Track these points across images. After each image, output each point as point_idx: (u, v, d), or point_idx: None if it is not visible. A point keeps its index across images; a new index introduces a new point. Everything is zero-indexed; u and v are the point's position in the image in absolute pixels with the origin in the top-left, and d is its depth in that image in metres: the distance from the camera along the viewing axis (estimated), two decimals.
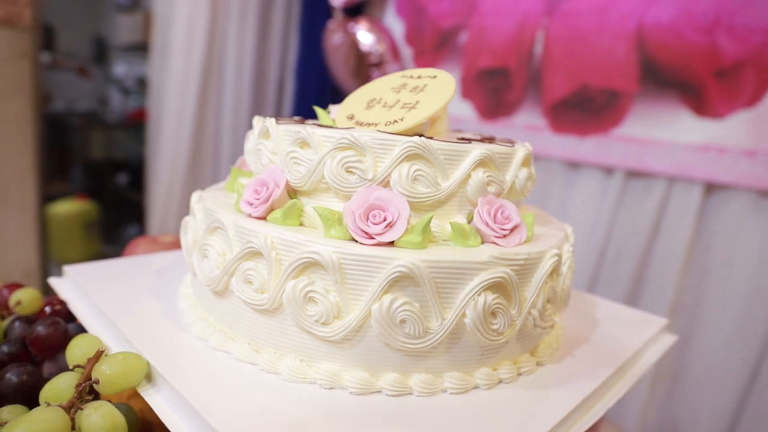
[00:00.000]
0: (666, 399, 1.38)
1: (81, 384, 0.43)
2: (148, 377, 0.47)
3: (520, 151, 0.55)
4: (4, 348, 0.55)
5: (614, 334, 0.63)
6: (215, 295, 0.51)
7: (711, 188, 1.33)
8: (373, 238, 0.46)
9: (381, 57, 1.81)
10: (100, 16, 3.39)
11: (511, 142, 0.58)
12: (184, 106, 1.94)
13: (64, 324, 0.56)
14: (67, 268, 0.66)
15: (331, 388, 0.46)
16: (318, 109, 0.63)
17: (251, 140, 0.59)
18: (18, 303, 0.61)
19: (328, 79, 2.10)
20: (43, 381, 0.51)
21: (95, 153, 3.10)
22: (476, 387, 0.48)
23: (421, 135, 0.51)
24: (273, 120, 0.54)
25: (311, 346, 0.46)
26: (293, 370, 0.46)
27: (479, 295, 0.45)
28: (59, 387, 0.46)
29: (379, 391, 0.46)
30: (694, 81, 1.35)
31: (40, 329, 0.55)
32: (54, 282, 0.67)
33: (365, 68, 1.85)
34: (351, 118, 0.54)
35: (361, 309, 0.44)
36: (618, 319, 0.69)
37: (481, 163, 0.50)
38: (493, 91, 1.72)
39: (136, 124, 2.85)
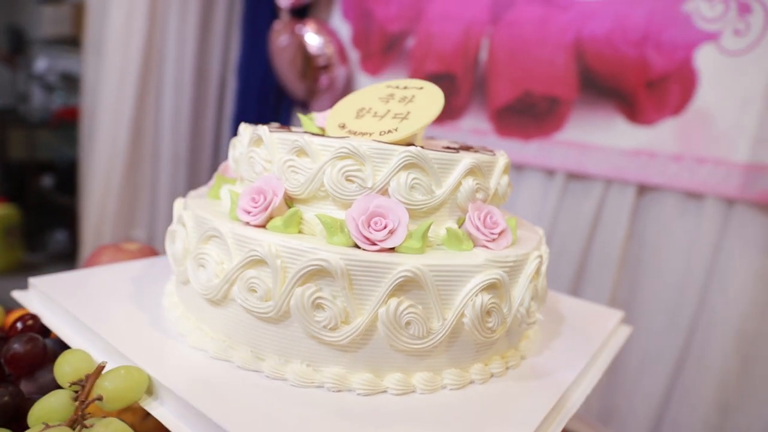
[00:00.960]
0: (605, 387, 1.48)
1: (84, 401, 0.42)
2: (149, 390, 0.46)
3: (501, 159, 0.59)
4: None
5: (581, 327, 0.68)
6: (212, 304, 0.51)
7: (643, 190, 1.44)
8: (375, 244, 0.47)
9: (329, 60, 1.82)
10: (18, 6, 3.16)
11: (491, 151, 0.61)
12: (122, 104, 1.86)
13: (43, 340, 0.54)
14: (34, 281, 0.63)
15: (339, 391, 0.47)
16: (302, 117, 0.64)
17: (238, 147, 0.59)
18: None
19: (272, 79, 2.08)
20: (25, 402, 0.49)
21: (15, 153, 2.89)
22: (472, 382, 0.51)
23: (412, 144, 0.53)
24: (266, 128, 0.54)
25: (318, 351, 0.48)
26: (300, 375, 0.47)
27: (476, 295, 0.48)
28: (51, 406, 0.45)
29: (385, 391, 0.48)
30: (627, 90, 1.46)
31: (17, 347, 0.52)
32: (19, 295, 0.63)
33: (313, 70, 1.85)
34: (343, 126, 0.56)
35: (368, 313, 0.46)
36: (581, 312, 0.74)
37: (471, 171, 0.53)
38: None
39: (63, 123, 2.68)
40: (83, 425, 0.41)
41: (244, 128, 0.59)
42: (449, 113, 1.77)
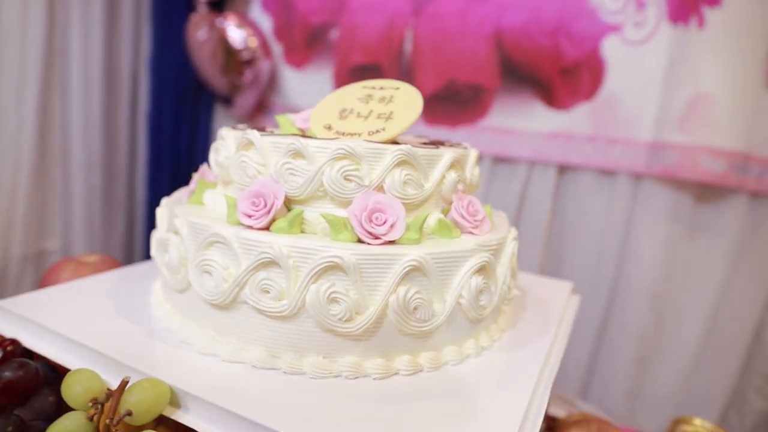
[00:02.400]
0: None
1: (113, 419, 0.43)
2: (171, 401, 0.47)
3: (473, 152, 0.64)
4: None
5: (541, 299, 0.76)
6: (219, 308, 0.52)
7: (563, 169, 1.57)
8: (379, 238, 0.51)
9: (253, 54, 1.80)
10: None
11: (459, 144, 0.67)
12: (24, 104, 1.72)
13: (34, 364, 0.52)
14: (2, 303, 0.60)
15: (355, 378, 0.51)
16: (280, 118, 0.66)
17: (223, 152, 0.60)
18: None
19: (190, 74, 2.01)
20: (29, 429, 0.48)
21: None
22: (468, 356, 0.57)
23: (395, 142, 0.57)
24: (256, 132, 0.56)
25: (333, 343, 0.51)
26: (317, 367, 0.50)
27: (471, 278, 0.54)
28: (68, 429, 0.44)
29: (397, 373, 0.52)
30: (544, 77, 1.58)
31: (9, 374, 0.50)
32: None
33: (236, 65, 1.82)
34: (329, 128, 0.58)
35: (380, 302, 0.50)
36: (536, 286, 0.83)
37: (452, 165, 0.58)
38: None
39: None
40: None
41: (227, 132, 0.60)
42: None
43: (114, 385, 0.49)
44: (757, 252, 1.36)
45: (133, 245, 2.30)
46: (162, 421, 0.48)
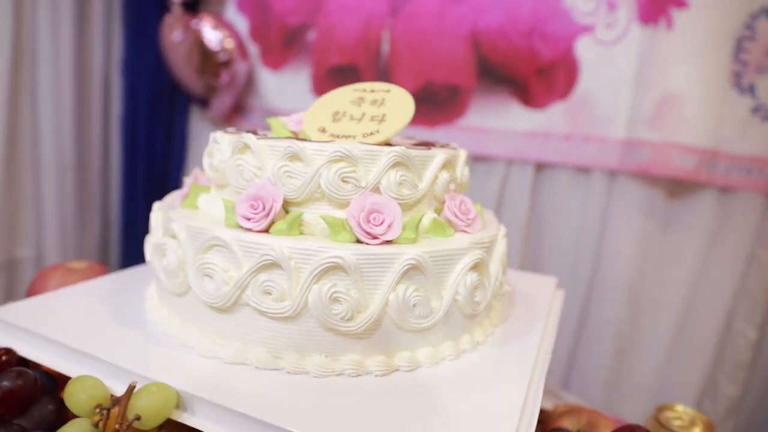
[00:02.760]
0: None
1: (123, 424, 0.43)
2: (177, 404, 0.47)
3: (462, 153, 0.66)
4: None
5: (528, 294, 0.79)
6: (220, 311, 0.53)
7: (540, 167, 1.61)
8: (377, 238, 0.53)
9: (230, 55, 1.79)
10: None
11: (448, 145, 0.68)
12: None
13: (33, 373, 0.52)
14: None
15: (358, 375, 0.52)
16: (272, 121, 0.66)
17: (217, 155, 0.60)
18: None
19: (164, 76, 1.99)
20: None
21: None
22: (464, 351, 0.59)
23: (389, 143, 0.58)
24: (252, 136, 0.57)
25: (335, 342, 0.52)
26: (321, 366, 0.51)
27: (466, 275, 0.56)
28: None
29: (397, 369, 0.54)
30: (520, 77, 1.61)
31: (7, 384, 0.50)
32: None
33: (212, 66, 1.80)
34: (323, 130, 0.60)
35: (380, 300, 0.51)
36: (522, 281, 0.85)
37: (444, 165, 0.60)
38: None
39: None
40: None
41: (221, 136, 0.60)
42: None
43: (116, 391, 0.49)
44: (725, 245, 1.42)
45: (108, 251, 2.26)
46: (164, 424, 0.49)
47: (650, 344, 1.50)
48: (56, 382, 0.55)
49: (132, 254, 2.13)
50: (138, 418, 0.44)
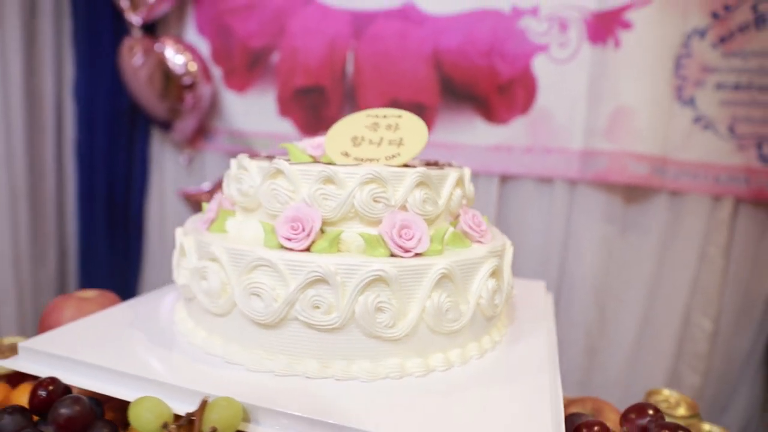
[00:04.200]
0: None
1: None
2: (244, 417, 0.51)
3: (467, 170, 0.74)
4: None
5: (524, 297, 0.87)
6: (267, 327, 0.57)
7: (505, 179, 1.72)
8: (409, 251, 0.59)
9: (194, 78, 1.81)
10: None
11: (450, 164, 0.76)
12: None
13: (86, 399, 0.54)
14: (26, 344, 0.61)
15: (401, 378, 0.57)
16: (289, 146, 0.72)
17: (247, 181, 0.64)
18: None
19: (123, 100, 1.98)
20: None
21: None
22: (486, 351, 0.65)
23: (406, 164, 0.65)
24: (285, 162, 0.62)
25: (378, 348, 0.57)
26: (367, 371, 0.56)
27: (487, 281, 0.63)
28: None
29: (434, 370, 0.59)
30: (482, 95, 1.72)
31: (66, 411, 0.52)
32: (8, 363, 0.61)
33: (176, 90, 1.81)
34: (347, 155, 0.65)
35: (418, 307, 0.57)
36: (516, 286, 0.93)
37: (457, 182, 0.67)
38: (312, 108, 1.87)
39: None
40: None
41: (249, 163, 0.65)
42: (323, 124, 1.88)
43: (176, 409, 0.52)
44: (678, 244, 1.56)
45: (65, 282, 2.20)
46: None
47: (617, 341, 1.62)
48: (102, 406, 0.58)
49: (92, 282, 2.08)
50: (214, 430, 0.48)
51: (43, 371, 0.59)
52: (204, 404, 0.49)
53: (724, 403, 1.58)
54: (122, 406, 0.57)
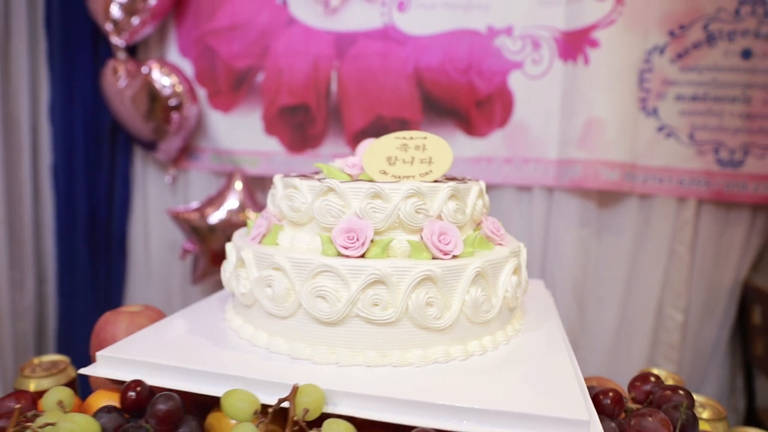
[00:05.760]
0: None
1: (298, 420, 0.57)
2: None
3: (482, 184, 0.86)
4: None
5: (529, 293, 1.00)
6: (330, 325, 0.68)
7: (487, 188, 1.85)
8: (448, 254, 0.70)
9: (180, 99, 1.88)
10: None
11: (470, 179, 0.88)
12: None
13: (177, 396, 0.63)
14: (101, 353, 0.70)
15: (447, 362, 0.69)
16: (324, 166, 0.83)
17: (299, 198, 0.75)
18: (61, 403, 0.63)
19: (103, 121, 2.03)
20: None
21: None
22: (510, 337, 0.77)
23: (436, 181, 0.77)
24: (336, 181, 0.72)
25: (427, 338, 0.68)
26: (420, 358, 0.67)
27: (511, 277, 0.75)
28: None
29: (472, 355, 0.71)
30: (462, 110, 1.87)
31: (162, 407, 0.61)
32: (88, 371, 0.69)
33: (162, 111, 1.88)
34: (385, 173, 0.77)
35: (459, 301, 0.69)
36: None
37: (479, 194, 0.80)
38: (297, 126, 1.97)
39: None
40: None
41: (300, 182, 0.75)
42: (308, 142, 1.98)
43: (262, 399, 0.62)
44: (649, 243, 1.74)
45: (43, 308, 2.21)
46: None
47: (597, 336, 1.78)
48: (184, 403, 0.66)
49: (72, 306, 2.11)
50: (307, 411, 0.57)
51: (121, 375, 0.68)
52: (295, 390, 0.59)
53: (696, 389, 1.75)
54: (195, 401, 0.66)
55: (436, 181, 0.77)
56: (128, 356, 0.68)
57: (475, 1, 1.81)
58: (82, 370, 0.69)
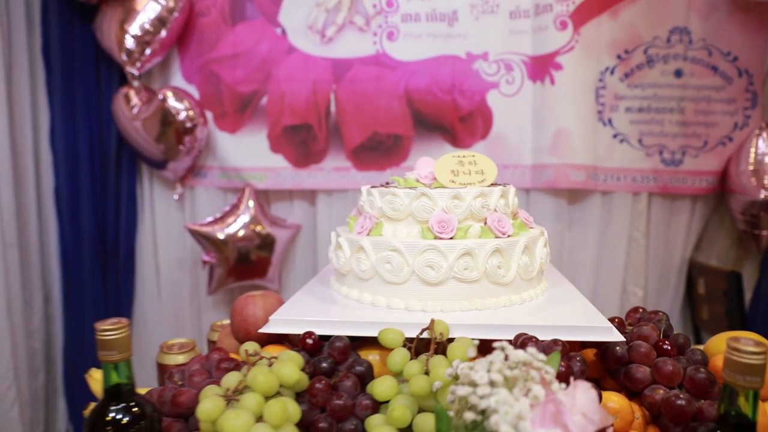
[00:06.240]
0: None
1: (436, 343, 0.97)
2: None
3: (513, 187, 1.29)
4: (324, 365, 0.97)
5: None
6: (433, 286, 1.08)
7: None
8: (505, 234, 1.13)
9: (194, 122, 2.22)
10: None
11: (509, 184, 1.31)
12: None
13: (344, 337, 1.01)
14: (273, 317, 1.07)
15: (511, 305, 1.11)
16: (398, 179, 1.23)
17: (397, 202, 1.15)
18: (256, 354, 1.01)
19: (107, 144, 2.32)
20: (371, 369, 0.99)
21: None
22: (545, 290, 1.20)
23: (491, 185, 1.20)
24: (426, 188, 1.13)
25: (498, 291, 1.10)
26: (495, 303, 1.09)
27: (544, 248, 1.19)
28: (402, 355, 0.96)
29: (526, 301, 1.13)
30: (448, 125, 2.32)
31: (339, 344, 0.98)
32: (265, 329, 1.06)
33: (174, 133, 2.21)
34: (453, 181, 1.18)
35: (515, 265, 1.11)
36: None
37: (515, 194, 1.23)
38: (301, 144, 2.36)
39: None
40: (444, 353, 0.96)
41: (396, 191, 1.15)
42: (312, 157, 2.37)
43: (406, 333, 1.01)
44: (611, 232, 2.25)
45: (50, 327, 2.45)
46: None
47: None
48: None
49: (80, 326, 2.37)
50: (441, 334, 0.97)
51: (290, 329, 1.05)
52: (433, 322, 0.99)
53: None
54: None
55: (490, 185, 1.19)
56: (296, 317, 1.06)
57: (455, 31, 2.27)
58: (264, 329, 1.06)
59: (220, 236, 2.25)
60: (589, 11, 2.16)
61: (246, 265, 2.30)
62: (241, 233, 2.26)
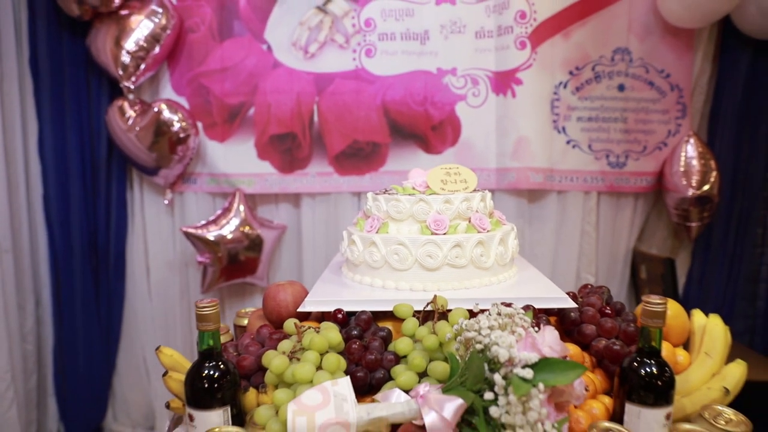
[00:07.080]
0: None
1: (439, 312, 1.36)
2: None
3: (488, 192, 1.71)
4: (355, 332, 1.35)
5: None
6: (432, 271, 1.48)
7: None
8: (485, 230, 1.54)
9: (186, 132, 2.55)
10: None
11: (485, 189, 1.72)
12: None
13: (368, 311, 1.40)
14: (308, 299, 1.45)
15: (490, 285, 1.52)
16: (397, 187, 1.63)
17: (400, 206, 1.54)
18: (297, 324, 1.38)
19: (97, 152, 2.62)
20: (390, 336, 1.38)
21: None
22: (516, 273, 1.62)
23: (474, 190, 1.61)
24: (423, 194, 1.53)
25: (481, 273, 1.51)
26: (479, 283, 1.50)
27: (515, 240, 1.60)
28: (413, 323, 1.36)
29: (502, 281, 1.55)
30: (421, 133, 2.73)
31: (364, 317, 1.38)
32: (302, 308, 1.44)
33: (168, 143, 2.53)
34: (443, 189, 1.59)
35: (494, 253, 1.53)
36: None
37: (491, 197, 1.64)
38: (287, 151, 2.72)
39: None
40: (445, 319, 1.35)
41: (399, 197, 1.55)
42: (297, 164, 2.74)
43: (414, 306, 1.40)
44: (566, 226, 2.71)
45: (41, 329, 2.73)
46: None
47: None
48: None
49: (71, 327, 2.66)
50: (443, 306, 1.37)
51: (323, 308, 1.43)
52: (435, 297, 1.38)
53: None
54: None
55: (472, 191, 1.60)
56: (327, 298, 1.44)
57: (426, 49, 2.68)
58: (301, 308, 1.43)
59: (214, 238, 2.59)
60: (544, 33, 2.61)
61: (237, 264, 2.65)
62: (233, 235, 2.60)
